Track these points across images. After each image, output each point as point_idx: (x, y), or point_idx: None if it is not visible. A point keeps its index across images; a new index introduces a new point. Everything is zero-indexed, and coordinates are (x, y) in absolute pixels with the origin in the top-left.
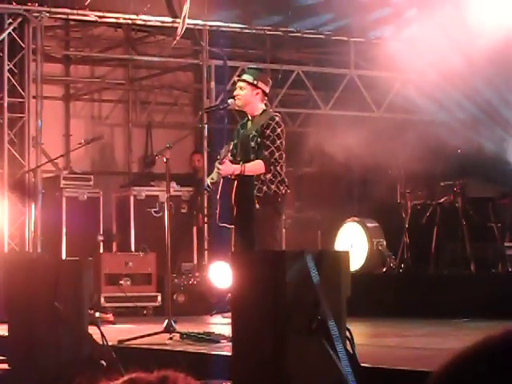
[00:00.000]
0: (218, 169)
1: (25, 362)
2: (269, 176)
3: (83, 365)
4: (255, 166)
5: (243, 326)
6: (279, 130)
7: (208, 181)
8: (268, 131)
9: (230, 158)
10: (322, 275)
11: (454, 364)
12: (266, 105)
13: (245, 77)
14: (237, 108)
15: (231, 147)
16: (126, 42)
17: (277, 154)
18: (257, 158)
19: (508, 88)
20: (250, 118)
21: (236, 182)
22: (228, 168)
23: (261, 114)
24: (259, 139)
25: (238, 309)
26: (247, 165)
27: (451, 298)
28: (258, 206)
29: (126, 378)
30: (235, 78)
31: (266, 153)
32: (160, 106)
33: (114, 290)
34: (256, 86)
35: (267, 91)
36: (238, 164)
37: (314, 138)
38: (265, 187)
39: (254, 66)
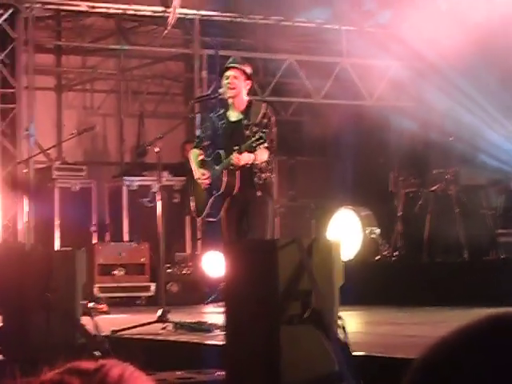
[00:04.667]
0: (238, 159)
1: (18, 352)
2: (264, 164)
3: (77, 355)
4: (263, 155)
5: (236, 316)
6: (273, 118)
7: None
8: (265, 120)
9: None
10: (314, 263)
11: (434, 351)
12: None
13: (244, 67)
14: (227, 97)
15: (203, 135)
16: (118, 31)
17: (274, 142)
18: (252, 147)
19: (499, 75)
20: (232, 107)
21: (240, 172)
22: (247, 158)
23: (248, 102)
24: (255, 128)
25: (230, 298)
26: (257, 153)
27: (444, 286)
28: (259, 193)
29: (65, 367)
30: (234, 65)
31: (268, 140)
32: (152, 95)
33: (107, 281)
34: (250, 78)
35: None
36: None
37: (306, 127)
38: (263, 175)
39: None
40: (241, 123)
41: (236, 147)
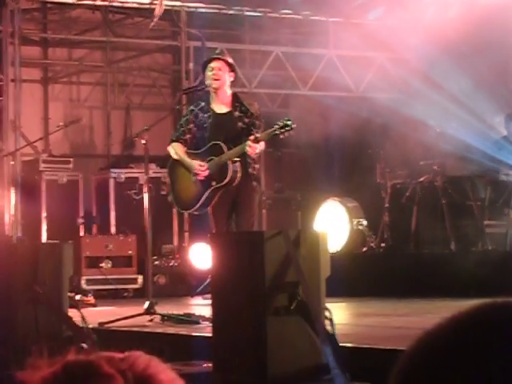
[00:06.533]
0: (253, 148)
1: (5, 345)
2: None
3: (63, 347)
4: (262, 145)
5: (223, 307)
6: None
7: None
8: (256, 110)
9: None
10: (301, 255)
11: (423, 341)
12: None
13: (228, 58)
14: (211, 89)
15: (184, 128)
16: (104, 24)
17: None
18: (276, 135)
19: (487, 68)
20: (214, 99)
21: (240, 163)
22: (259, 147)
23: (234, 94)
24: (247, 119)
25: (217, 290)
26: (262, 143)
27: (431, 277)
28: (254, 183)
29: (101, 353)
30: (218, 56)
31: (261, 131)
32: (138, 87)
33: (94, 273)
34: (233, 69)
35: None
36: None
37: (293, 119)
38: (256, 165)
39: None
40: (231, 115)
41: (251, 137)
